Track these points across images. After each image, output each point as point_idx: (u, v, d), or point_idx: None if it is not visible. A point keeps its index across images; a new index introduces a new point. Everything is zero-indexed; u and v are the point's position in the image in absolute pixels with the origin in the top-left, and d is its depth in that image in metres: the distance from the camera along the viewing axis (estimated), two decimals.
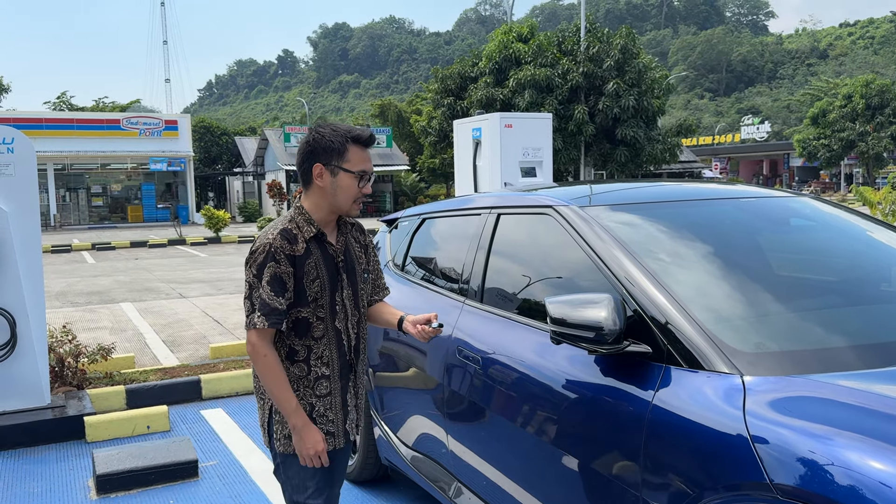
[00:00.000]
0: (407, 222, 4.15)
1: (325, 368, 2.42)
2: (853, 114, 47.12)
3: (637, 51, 26.24)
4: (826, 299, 2.55)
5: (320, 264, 2.38)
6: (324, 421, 2.43)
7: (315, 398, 2.42)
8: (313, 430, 2.37)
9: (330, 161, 2.35)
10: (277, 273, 2.30)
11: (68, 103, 46.41)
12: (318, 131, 2.38)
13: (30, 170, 4.98)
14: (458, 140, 11.19)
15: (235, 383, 6.06)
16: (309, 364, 2.41)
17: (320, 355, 2.42)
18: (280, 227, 2.35)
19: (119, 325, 9.39)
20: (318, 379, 2.42)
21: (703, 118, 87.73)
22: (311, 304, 2.37)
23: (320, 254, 2.39)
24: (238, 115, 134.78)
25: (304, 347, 2.40)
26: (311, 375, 2.41)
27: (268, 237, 2.33)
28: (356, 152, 2.36)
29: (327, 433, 2.44)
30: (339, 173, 2.35)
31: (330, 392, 2.44)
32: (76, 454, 4.80)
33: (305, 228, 2.37)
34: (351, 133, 2.36)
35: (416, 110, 44.17)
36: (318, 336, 2.41)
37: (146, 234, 29.54)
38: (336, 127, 2.39)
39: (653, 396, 2.06)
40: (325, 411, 2.43)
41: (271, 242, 2.31)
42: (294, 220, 2.38)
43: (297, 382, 2.41)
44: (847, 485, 1.55)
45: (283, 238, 2.32)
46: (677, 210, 2.90)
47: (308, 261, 2.35)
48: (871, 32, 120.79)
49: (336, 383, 2.45)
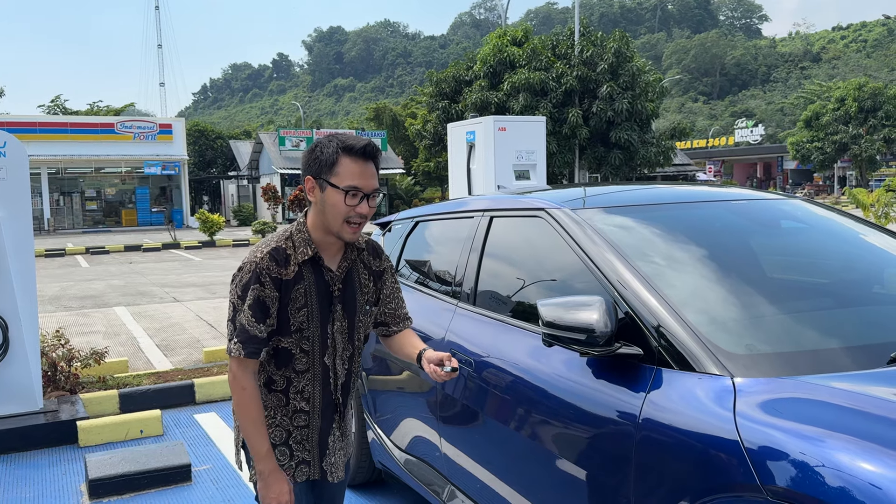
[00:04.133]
0: (400, 225, 4.16)
1: (304, 404, 2.22)
2: (846, 117, 47.33)
3: (631, 54, 26.31)
4: (817, 301, 2.55)
5: (311, 292, 2.14)
6: (300, 449, 2.25)
7: (292, 427, 2.23)
8: (281, 480, 2.18)
9: (320, 174, 2.10)
10: (260, 297, 2.08)
11: (62, 107, 46.31)
12: (318, 140, 2.14)
13: (22, 174, 4.97)
14: (452, 143, 11.19)
15: (229, 388, 6.04)
16: (287, 396, 2.21)
17: (300, 390, 2.21)
18: (272, 245, 2.12)
19: (113, 329, 9.36)
20: (297, 412, 2.22)
21: (697, 121, 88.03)
22: (295, 334, 2.15)
23: (314, 280, 2.14)
24: (233, 118, 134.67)
25: (282, 378, 2.20)
26: (288, 406, 2.22)
27: (256, 255, 2.11)
28: (348, 165, 2.07)
29: (302, 461, 2.25)
30: (326, 188, 2.09)
31: (308, 425, 2.24)
32: (69, 459, 4.78)
33: (301, 250, 2.13)
34: (344, 143, 2.09)
35: (411, 114, 44.23)
36: (300, 370, 2.19)
37: (140, 237, 29.47)
38: (333, 136, 2.16)
39: (644, 398, 2.06)
40: (301, 440, 2.25)
41: (258, 262, 2.09)
42: (291, 238, 2.15)
43: (275, 409, 2.22)
44: (838, 486, 1.55)
45: (272, 259, 2.09)
46: (669, 213, 2.91)
47: (297, 286, 2.12)
48: (864, 36, 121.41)
49: (315, 420, 2.24)
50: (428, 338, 3.23)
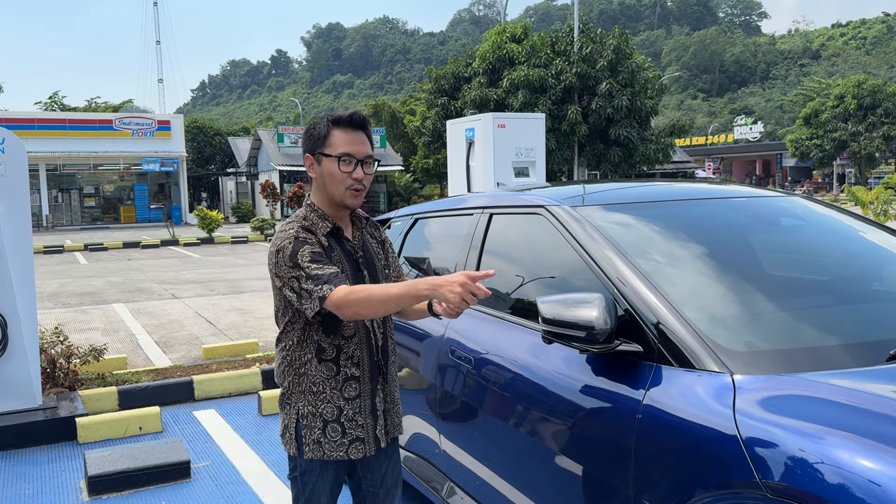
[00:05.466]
0: (400, 222, 4.15)
1: (355, 369, 2.28)
2: (845, 114, 47.35)
3: (630, 51, 26.27)
4: (817, 298, 2.56)
5: (342, 260, 2.27)
6: (352, 426, 2.28)
7: (343, 401, 2.27)
8: (438, 279, 2.03)
9: (315, 149, 2.28)
10: (314, 251, 2.17)
11: (60, 103, 46.21)
12: (311, 123, 2.33)
13: (21, 170, 4.96)
14: (451, 140, 11.18)
15: (228, 384, 6.05)
16: (338, 364, 2.27)
17: (350, 355, 2.28)
18: (298, 224, 2.24)
19: (111, 326, 9.36)
20: (347, 380, 2.28)
21: (697, 118, 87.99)
22: None
23: (340, 250, 2.29)
24: (231, 115, 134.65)
25: (332, 346, 2.26)
26: (339, 376, 2.27)
27: (289, 232, 2.21)
28: (338, 135, 2.25)
29: (357, 439, 2.29)
30: (322, 160, 2.27)
31: (359, 395, 2.29)
32: (68, 455, 4.78)
33: (321, 224, 2.27)
34: (333, 116, 2.28)
35: (410, 110, 44.17)
36: (348, 335, 2.27)
37: (139, 234, 29.44)
38: (323, 116, 2.34)
39: (644, 395, 2.06)
40: (353, 415, 2.28)
41: (295, 234, 2.19)
42: (308, 218, 2.28)
43: (324, 383, 2.26)
44: (837, 483, 1.55)
45: (306, 230, 2.22)
46: (669, 210, 2.91)
47: (333, 254, 2.25)
48: (864, 33, 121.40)
49: (366, 385, 2.30)
50: (428, 335, 3.23)
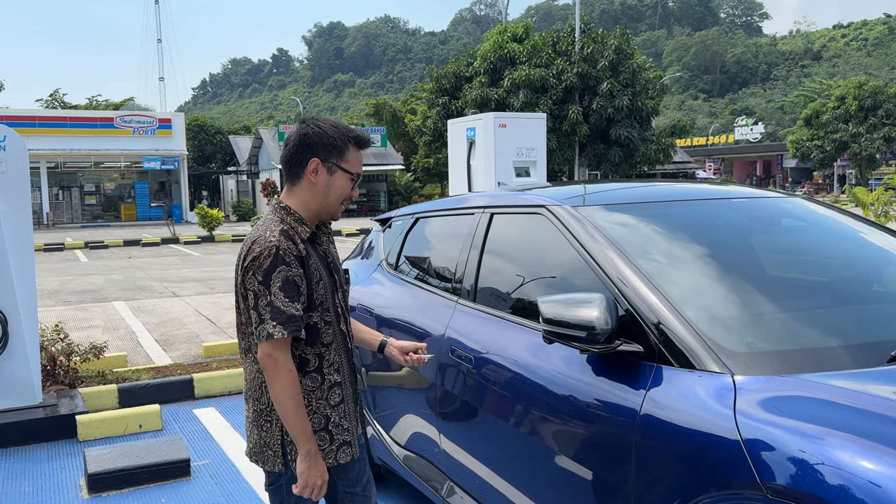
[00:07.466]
0: (401, 221, 4.15)
1: (337, 375, 2.29)
2: (846, 115, 47.29)
3: (631, 51, 26.28)
4: (817, 299, 2.56)
5: (319, 265, 2.25)
6: (339, 431, 2.28)
7: (329, 409, 2.27)
8: (321, 461, 2.21)
9: (329, 158, 2.22)
10: (289, 277, 2.12)
11: (61, 101, 46.20)
12: (317, 124, 2.23)
13: (22, 168, 4.96)
14: (452, 140, 11.18)
15: (228, 382, 6.05)
16: (322, 373, 2.26)
17: (332, 362, 2.28)
18: (278, 228, 2.18)
19: (112, 323, 9.36)
20: (332, 387, 2.27)
21: (697, 119, 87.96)
22: (320, 307, 2.23)
23: (316, 256, 2.26)
24: (232, 113, 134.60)
25: (315, 356, 2.25)
26: (324, 385, 2.26)
27: (270, 239, 2.13)
28: (355, 153, 2.28)
29: (344, 443, 2.29)
30: (336, 172, 2.24)
31: (343, 399, 2.30)
32: (68, 453, 4.78)
33: (300, 229, 2.22)
34: (352, 133, 2.27)
35: (411, 110, 44.15)
36: (327, 342, 2.27)
37: (139, 232, 29.45)
38: (336, 124, 2.29)
39: (644, 395, 2.06)
40: (339, 420, 2.29)
41: (276, 244, 2.12)
42: (285, 221, 2.22)
43: (310, 395, 2.24)
44: (838, 484, 1.55)
45: (287, 238, 2.15)
46: (670, 210, 2.91)
47: (310, 262, 2.21)
48: (865, 34, 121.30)
49: (348, 389, 2.33)
50: (428, 334, 3.23)
